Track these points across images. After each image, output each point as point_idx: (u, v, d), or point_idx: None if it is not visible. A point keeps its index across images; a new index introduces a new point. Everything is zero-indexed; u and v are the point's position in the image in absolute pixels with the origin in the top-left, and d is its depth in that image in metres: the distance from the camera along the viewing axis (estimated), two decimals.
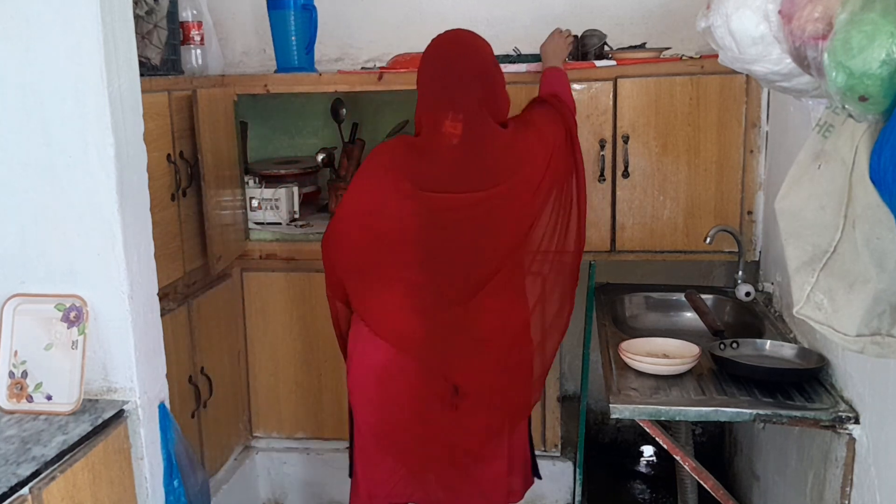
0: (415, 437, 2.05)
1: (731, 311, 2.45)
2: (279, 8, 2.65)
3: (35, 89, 1.61)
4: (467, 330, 2.00)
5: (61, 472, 1.47)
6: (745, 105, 2.39)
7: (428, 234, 1.97)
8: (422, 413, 2.03)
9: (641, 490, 2.97)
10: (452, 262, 1.98)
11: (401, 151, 2.01)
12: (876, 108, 1.04)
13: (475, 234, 1.98)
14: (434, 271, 1.98)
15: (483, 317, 2.00)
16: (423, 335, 1.99)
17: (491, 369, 2.02)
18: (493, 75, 2.01)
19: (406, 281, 1.99)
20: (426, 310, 1.98)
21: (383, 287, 2.00)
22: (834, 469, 1.67)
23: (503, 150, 2.00)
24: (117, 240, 1.65)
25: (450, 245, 1.98)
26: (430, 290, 1.98)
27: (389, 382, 2.01)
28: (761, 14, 1.33)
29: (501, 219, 1.99)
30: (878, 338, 1.15)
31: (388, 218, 1.98)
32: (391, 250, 1.98)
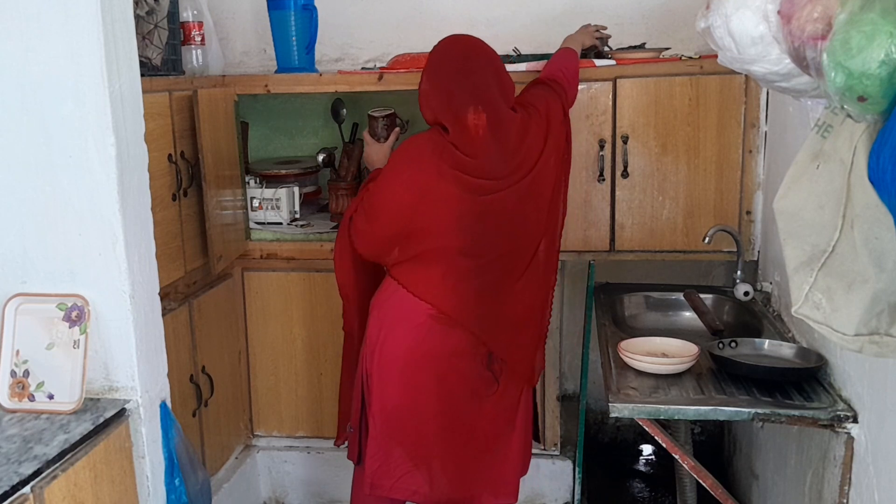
0: (435, 427, 2.09)
1: (729, 311, 2.45)
2: (279, 8, 2.65)
3: (35, 89, 1.61)
4: (506, 309, 2.10)
5: (63, 470, 1.47)
6: (745, 105, 2.39)
7: (472, 219, 2.02)
8: (447, 400, 2.07)
9: (641, 489, 2.98)
10: (495, 248, 2.06)
11: (439, 139, 2.04)
12: (875, 109, 1.04)
13: (514, 220, 2.07)
14: (477, 255, 2.04)
15: (521, 297, 2.11)
16: (466, 310, 2.06)
17: (527, 345, 2.16)
18: (500, 65, 2.09)
19: (448, 263, 2.04)
20: (469, 290, 2.06)
21: (426, 266, 2.05)
22: (832, 468, 1.68)
23: (521, 135, 2.07)
24: (118, 239, 1.65)
25: (492, 231, 2.04)
26: (474, 273, 2.05)
27: (416, 368, 2.06)
28: (760, 14, 1.34)
29: (534, 204, 2.09)
30: (876, 337, 1.15)
31: (434, 201, 2.01)
32: (435, 233, 2.03)
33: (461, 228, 2.02)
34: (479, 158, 2.01)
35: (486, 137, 2.01)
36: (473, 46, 2.08)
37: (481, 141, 2.01)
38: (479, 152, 2.01)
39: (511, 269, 2.10)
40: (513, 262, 2.10)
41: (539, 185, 2.10)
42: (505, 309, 2.10)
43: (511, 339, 2.12)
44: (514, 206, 2.06)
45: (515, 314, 2.12)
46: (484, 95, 2.01)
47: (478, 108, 2.00)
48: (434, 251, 2.04)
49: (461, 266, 2.05)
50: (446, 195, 2.00)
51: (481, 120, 2.00)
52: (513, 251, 2.09)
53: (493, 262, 2.07)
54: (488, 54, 2.07)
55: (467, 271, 2.05)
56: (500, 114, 2.03)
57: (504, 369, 2.12)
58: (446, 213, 2.01)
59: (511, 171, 2.05)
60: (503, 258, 2.08)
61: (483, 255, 2.05)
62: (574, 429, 2.79)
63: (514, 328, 2.13)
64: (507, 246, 2.08)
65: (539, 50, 2.70)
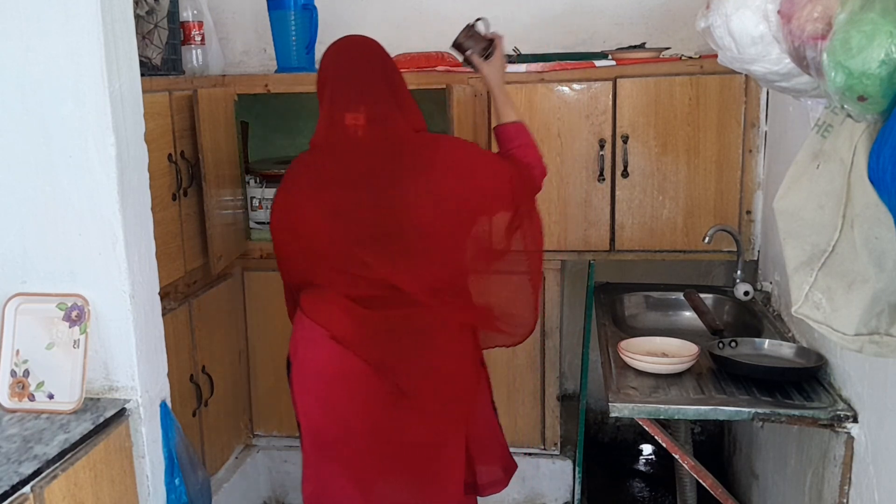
0: (363, 443, 1.99)
1: (729, 311, 2.45)
2: (279, 8, 2.65)
3: (35, 89, 1.61)
4: (403, 330, 1.95)
5: (63, 470, 1.47)
6: (745, 105, 2.40)
7: (346, 238, 1.92)
8: (369, 414, 1.98)
9: (641, 489, 2.98)
10: (373, 263, 1.92)
11: (309, 160, 1.98)
12: (875, 108, 1.04)
13: (390, 233, 1.92)
14: (357, 275, 1.93)
15: (419, 317, 1.95)
16: (362, 335, 1.94)
17: (432, 366, 1.98)
18: (397, 79, 1.98)
19: (339, 286, 1.95)
20: (362, 313, 1.93)
21: (322, 292, 1.98)
22: (832, 468, 1.68)
23: (415, 148, 1.94)
24: (118, 239, 1.65)
25: (368, 246, 1.92)
26: (362, 294, 1.93)
27: (334, 384, 1.97)
28: (761, 14, 1.34)
29: (416, 219, 1.91)
30: (876, 337, 1.15)
31: (309, 228, 1.94)
32: (320, 259, 1.96)
33: (339, 249, 1.93)
34: (351, 162, 1.92)
35: (363, 140, 1.91)
36: (364, 52, 1.97)
37: (357, 144, 1.91)
38: (352, 156, 1.92)
39: (400, 298, 1.93)
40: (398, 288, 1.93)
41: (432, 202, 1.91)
42: (403, 339, 1.96)
43: (410, 368, 1.97)
44: (398, 220, 1.91)
45: (416, 337, 1.97)
46: (366, 97, 1.91)
47: (359, 108, 1.90)
48: (323, 275, 1.97)
49: (349, 289, 1.94)
50: (318, 221, 1.93)
51: (359, 120, 1.90)
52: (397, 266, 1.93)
53: (376, 279, 1.93)
54: (383, 62, 1.96)
55: (353, 294, 1.94)
56: (385, 118, 1.91)
57: (410, 391, 1.98)
58: (321, 235, 1.93)
59: (394, 181, 1.91)
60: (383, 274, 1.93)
61: (363, 274, 1.93)
62: (574, 428, 2.80)
63: (416, 357, 1.97)
64: (389, 260, 1.92)
65: (539, 50, 2.70)
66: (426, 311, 1.95)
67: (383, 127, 1.92)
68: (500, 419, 2.25)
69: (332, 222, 1.93)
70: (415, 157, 1.93)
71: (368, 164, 1.93)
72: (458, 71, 2.51)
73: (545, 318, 2.62)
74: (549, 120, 2.47)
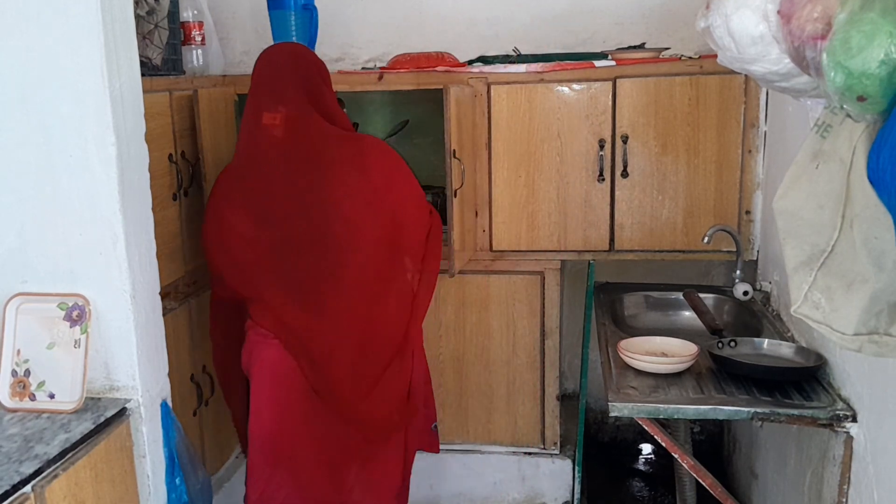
0: (307, 441, 2.02)
1: (729, 310, 2.45)
2: (279, 8, 2.65)
3: (35, 89, 1.61)
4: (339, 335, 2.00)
5: (63, 470, 1.47)
6: (744, 105, 2.40)
7: (278, 246, 1.96)
8: (313, 412, 2.01)
9: (640, 488, 2.98)
10: (303, 270, 1.96)
11: (232, 170, 2.02)
12: (874, 108, 1.04)
13: (314, 238, 1.95)
14: (287, 287, 1.97)
15: (352, 323, 1.99)
16: (292, 337, 1.98)
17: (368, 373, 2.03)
18: (318, 82, 2.01)
19: (270, 300, 1.99)
20: (295, 322, 1.98)
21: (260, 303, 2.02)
22: (832, 467, 1.68)
23: (337, 141, 1.97)
24: (119, 239, 1.65)
25: (294, 254, 1.95)
26: (294, 302, 1.98)
27: (283, 383, 2.00)
28: (760, 14, 1.34)
29: (331, 223, 1.95)
30: (875, 337, 1.16)
31: (239, 240, 1.98)
32: (256, 270, 1.99)
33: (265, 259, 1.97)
34: (272, 165, 1.94)
35: (282, 140, 1.93)
36: (287, 57, 2.02)
37: (276, 144, 1.94)
38: (271, 157, 1.94)
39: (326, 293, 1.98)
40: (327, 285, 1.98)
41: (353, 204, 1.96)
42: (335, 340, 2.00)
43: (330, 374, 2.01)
44: (320, 223, 1.94)
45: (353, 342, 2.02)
46: (285, 96, 1.94)
47: (276, 107, 1.94)
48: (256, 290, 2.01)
49: (279, 300, 1.99)
50: (242, 233, 1.97)
51: (276, 119, 1.93)
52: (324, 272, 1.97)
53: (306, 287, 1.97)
54: (306, 66, 2.01)
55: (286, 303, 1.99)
56: (306, 117, 1.94)
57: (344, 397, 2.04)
58: (249, 248, 1.98)
59: (315, 181, 1.94)
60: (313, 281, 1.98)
61: (294, 285, 1.97)
62: (574, 428, 2.80)
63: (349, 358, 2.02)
64: (317, 265, 1.96)
65: (539, 50, 2.71)
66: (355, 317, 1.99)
67: (302, 123, 1.95)
68: (493, 423, 2.30)
69: (262, 231, 1.96)
70: (338, 149, 1.96)
71: (289, 165, 1.95)
72: (458, 71, 2.51)
73: (545, 317, 2.62)
74: (549, 120, 2.48)
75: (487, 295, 2.63)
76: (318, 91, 1.99)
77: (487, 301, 2.63)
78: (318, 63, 2.06)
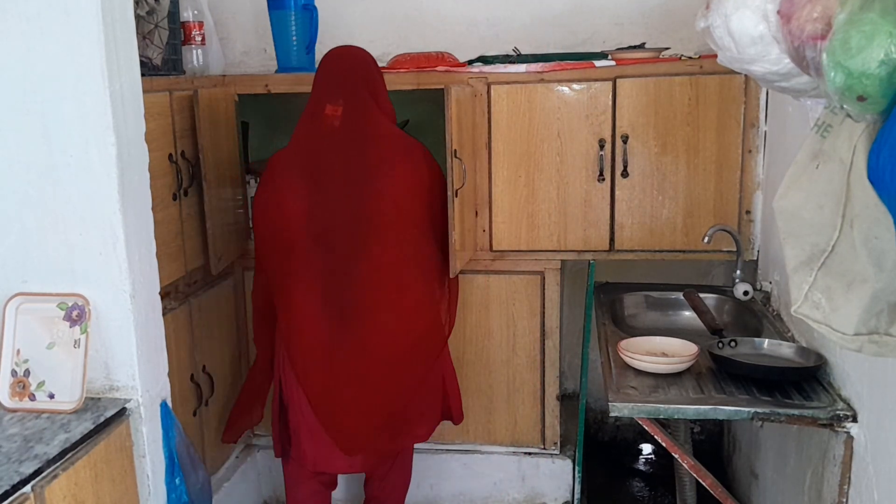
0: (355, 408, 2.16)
1: (729, 310, 2.45)
2: (280, 8, 2.65)
3: (36, 89, 1.61)
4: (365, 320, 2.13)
5: (63, 470, 1.47)
6: (744, 105, 2.40)
7: (319, 227, 2.11)
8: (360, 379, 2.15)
9: (640, 488, 2.98)
10: (343, 250, 2.11)
11: (286, 156, 2.18)
12: (874, 108, 1.04)
13: (354, 222, 2.11)
14: (325, 262, 2.12)
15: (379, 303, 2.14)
16: (325, 340, 2.13)
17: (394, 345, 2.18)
18: (377, 81, 2.21)
19: (309, 278, 2.13)
20: (326, 311, 2.12)
21: (295, 288, 2.15)
22: (832, 467, 1.68)
23: (387, 139, 2.15)
24: (119, 239, 1.65)
25: (337, 235, 2.11)
26: (329, 281, 2.12)
27: (334, 353, 2.14)
28: (760, 14, 1.34)
29: (380, 209, 2.12)
30: (875, 336, 1.15)
31: (286, 220, 2.13)
32: (294, 249, 2.13)
33: (311, 236, 2.12)
34: (328, 151, 2.10)
35: (340, 129, 2.09)
36: (347, 57, 2.21)
37: (334, 132, 2.09)
38: (329, 144, 2.09)
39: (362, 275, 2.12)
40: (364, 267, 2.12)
41: (397, 192, 2.14)
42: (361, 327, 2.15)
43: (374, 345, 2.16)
44: (365, 209, 2.11)
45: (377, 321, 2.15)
46: (345, 90, 2.12)
47: (338, 100, 2.11)
48: (299, 268, 2.15)
49: (316, 277, 2.13)
50: (296, 211, 2.12)
51: (338, 111, 2.09)
52: (361, 254, 2.12)
53: (343, 267, 2.12)
54: (364, 64, 2.20)
55: (321, 283, 2.13)
56: (363, 109, 2.12)
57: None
58: (298, 226, 2.13)
59: (367, 170, 2.10)
60: (350, 261, 2.12)
61: (333, 261, 2.12)
62: (574, 428, 2.80)
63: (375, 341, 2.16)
64: (355, 251, 2.12)
65: (539, 50, 2.71)
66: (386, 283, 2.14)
67: (360, 116, 2.12)
68: (493, 423, 2.42)
69: (307, 209, 2.11)
70: (391, 145, 2.14)
71: (344, 155, 2.11)
72: (458, 71, 2.51)
73: (545, 317, 2.62)
74: (549, 120, 2.48)
75: (487, 295, 2.63)
76: (378, 89, 2.18)
77: (487, 301, 2.63)
78: (376, 67, 2.24)
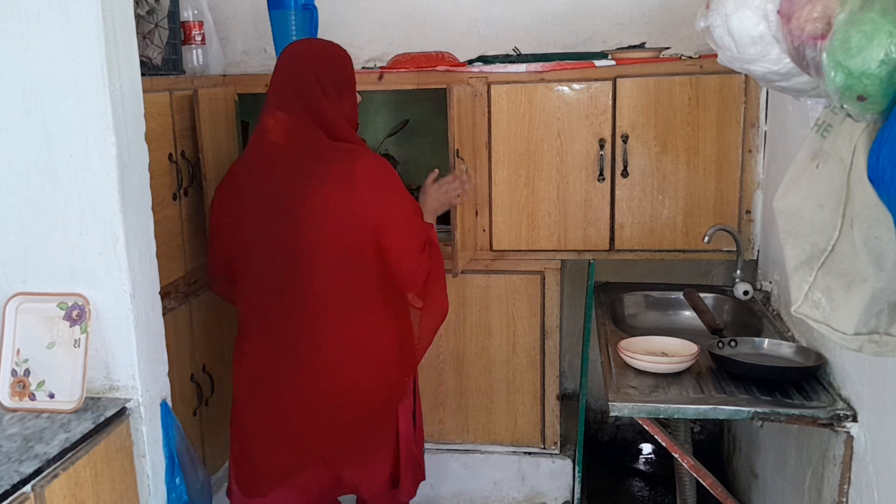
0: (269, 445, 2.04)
1: (729, 310, 2.45)
2: (280, 8, 2.65)
3: (36, 89, 1.61)
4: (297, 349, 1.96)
5: (63, 469, 1.47)
6: (744, 105, 2.40)
7: (250, 252, 1.96)
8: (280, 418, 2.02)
9: (640, 488, 2.98)
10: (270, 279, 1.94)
11: (237, 164, 2.04)
12: (874, 108, 1.04)
13: (284, 248, 1.91)
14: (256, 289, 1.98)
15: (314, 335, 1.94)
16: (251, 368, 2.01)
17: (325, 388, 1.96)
18: (331, 84, 1.95)
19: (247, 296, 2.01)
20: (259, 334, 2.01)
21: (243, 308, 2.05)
22: (832, 467, 1.68)
23: (323, 157, 1.90)
24: (119, 239, 1.65)
25: (265, 262, 1.94)
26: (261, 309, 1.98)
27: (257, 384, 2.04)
28: (760, 14, 1.34)
29: (309, 236, 1.89)
30: (875, 336, 1.15)
31: (231, 232, 2.00)
32: (237, 266, 2.01)
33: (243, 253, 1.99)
34: (263, 164, 1.93)
35: (276, 143, 1.92)
36: (303, 58, 1.96)
37: (270, 146, 1.93)
38: (264, 157, 1.94)
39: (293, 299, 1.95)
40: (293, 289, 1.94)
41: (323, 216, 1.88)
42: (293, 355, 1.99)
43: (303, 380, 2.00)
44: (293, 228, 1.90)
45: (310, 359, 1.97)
46: (287, 101, 1.92)
47: (277, 112, 1.93)
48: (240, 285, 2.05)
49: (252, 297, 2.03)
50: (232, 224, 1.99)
51: (271, 124, 1.93)
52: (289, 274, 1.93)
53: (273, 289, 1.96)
54: (320, 68, 1.94)
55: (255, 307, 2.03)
56: (302, 125, 1.91)
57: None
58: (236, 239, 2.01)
59: (297, 188, 1.89)
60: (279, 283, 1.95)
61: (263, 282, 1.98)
62: (574, 428, 2.80)
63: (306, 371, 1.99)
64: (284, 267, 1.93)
65: (539, 50, 2.71)
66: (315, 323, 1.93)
67: (299, 132, 1.92)
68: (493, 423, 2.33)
69: (239, 233, 1.97)
70: (330, 164, 1.89)
71: (276, 175, 1.92)
72: (458, 71, 2.51)
73: (545, 317, 2.62)
74: (549, 120, 2.48)
75: (487, 295, 2.63)
76: (317, 99, 1.93)
77: (487, 301, 2.63)
78: (332, 66, 1.98)
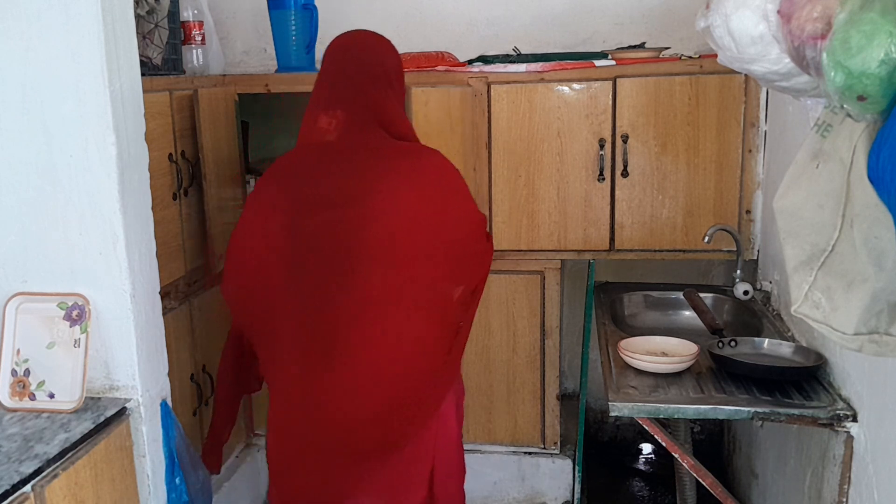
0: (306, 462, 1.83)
1: (729, 310, 2.45)
2: (280, 8, 2.65)
3: (36, 89, 1.61)
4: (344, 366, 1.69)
5: (63, 469, 1.47)
6: (744, 105, 2.40)
7: (299, 257, 1.71)
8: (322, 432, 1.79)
9: (640, 488, 2.98)
10: (322, 285, 1.70)
11: (281, 163, 1.83)
12: (874, 108, 1.04)
13: (341, 250, 1.69)
14: (300, 292, 1.71)
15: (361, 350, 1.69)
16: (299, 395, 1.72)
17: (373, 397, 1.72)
18: (386, 81, 1.81)
19: (286, 314, 1.72)
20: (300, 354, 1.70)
21: (271, 329, 1.75)
22: (832, 467, 1.68)
23: (391, 154, 1.76)
24: (119, 239, 1.65)
25: (315, 259, 1.70)
26: (304, 318, 1.70)
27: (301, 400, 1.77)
28: (760, 14, 1.34)
29: (371, 236, 1.69)
30: (875, 336, 1.15)
31: (266, 238, 1.74)
32: (271, 275, 1.74)
33: (286, 259, 1.73)
34: (319, 165, 1.75)
35: (334, 144, 1.75)
36: (356, 52, 1.82)
37: (327, 147, 1.76)
38: (321, 158, 1.76)
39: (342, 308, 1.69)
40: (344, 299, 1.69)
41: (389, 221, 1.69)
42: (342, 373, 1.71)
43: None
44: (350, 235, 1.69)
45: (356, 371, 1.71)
46: (345, 98, 1.77)
47: (335, 110, 1.77)
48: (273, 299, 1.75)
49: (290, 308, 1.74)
50: (275, 228, 1.73)
51: (331, 124, 1.76)
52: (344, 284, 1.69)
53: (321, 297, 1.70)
54: (374, 63, 1.80)
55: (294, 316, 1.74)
56: (362, 124, 1.76)
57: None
58: (276, 246, 1.74)
59: (357, 192, 1.70)
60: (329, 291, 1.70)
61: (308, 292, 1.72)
62: (574, 427, 2.80)
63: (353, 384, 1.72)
64: (337, 277, 1.69)
65: (539, 50, 2.71)
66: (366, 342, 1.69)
67: (358, 130, 1.77)
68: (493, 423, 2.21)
69: (284, 244, 1.72)
70: (393, 162, 1.74)
71: (335, 175, 1.74)
72: (459, 71, 2.51)
73: (545, 317, 2.62)
74: (549, 119, 2.48)
75: (487, 294, 2.63)
76: (381, 96, 1.79)
77: (487, 301, 2.63)
78: (389, 61, 1.84)
